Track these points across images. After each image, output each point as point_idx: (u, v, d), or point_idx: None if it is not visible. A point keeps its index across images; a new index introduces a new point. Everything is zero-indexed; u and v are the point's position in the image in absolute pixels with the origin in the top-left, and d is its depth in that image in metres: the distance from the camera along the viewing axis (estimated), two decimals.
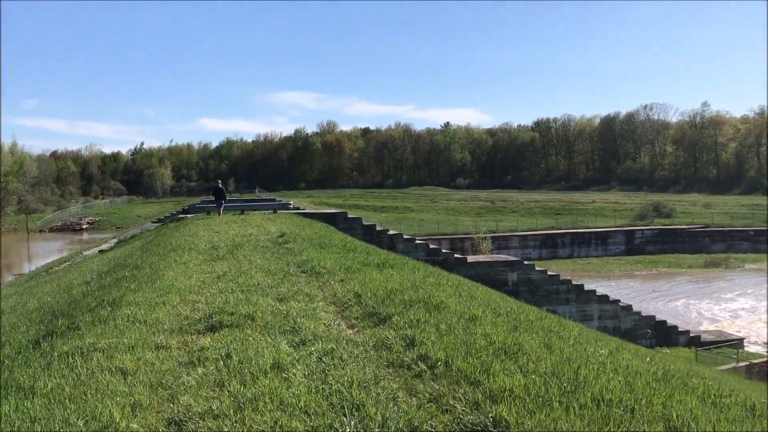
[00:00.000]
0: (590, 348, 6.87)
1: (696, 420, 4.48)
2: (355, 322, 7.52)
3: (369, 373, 5.39)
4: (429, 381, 5.22)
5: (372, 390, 4.96)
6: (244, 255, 13.85)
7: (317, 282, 10.42)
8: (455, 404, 4.65)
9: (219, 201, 29.37)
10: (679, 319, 37.64)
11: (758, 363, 25.10)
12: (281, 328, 7.09)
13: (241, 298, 8.86)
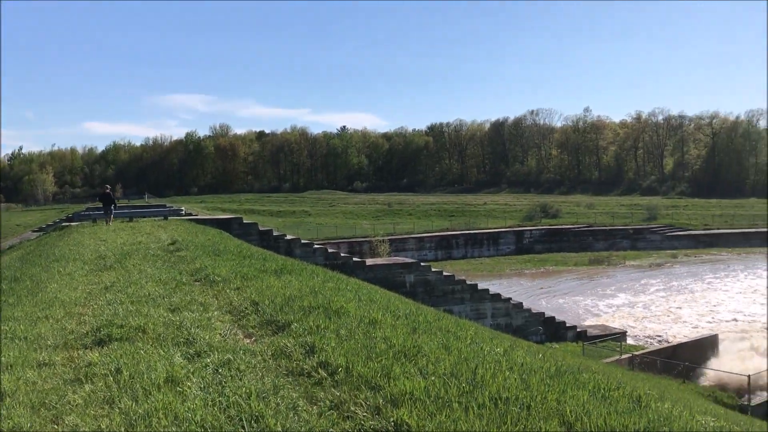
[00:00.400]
0: (486, 347, 7.03)
1: (588, 414, 4.65)
2: (253, 331, 7.36)
3: (268, 383, 5.27)
4: (330, 388, 5.16)
5: (271, 400, 4.85)
6: (133, 264, 13.28)
7: (212, 290, 10.13)
8: (356, 410, 4.62)
9: (107, 207, 27.98)
10: (566, 314, 39.37)
11: (639, 355, 26.61)
12: (175, 340, 6.83)
13: (131, 309, 8.47)
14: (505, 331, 28.04)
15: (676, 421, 5.05)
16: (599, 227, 75.44)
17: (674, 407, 6.09)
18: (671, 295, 46.00)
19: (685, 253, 67.03)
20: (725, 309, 41.31)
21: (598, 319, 39.40)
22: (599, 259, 63.51)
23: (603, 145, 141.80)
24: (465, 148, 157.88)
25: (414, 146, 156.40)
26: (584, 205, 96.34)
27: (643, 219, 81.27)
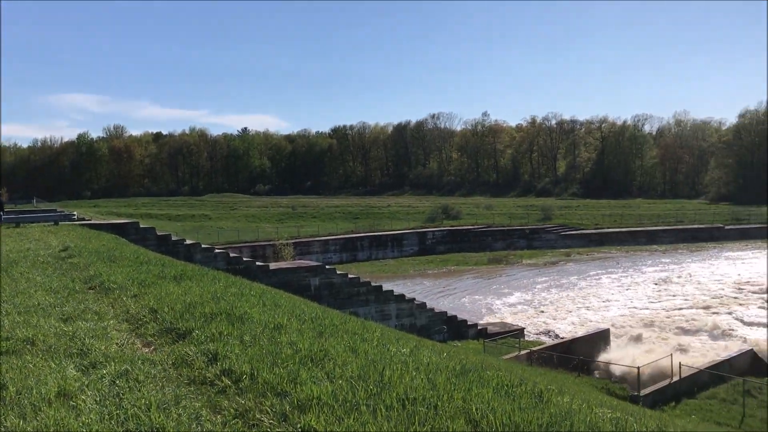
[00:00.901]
0: (393, 348, 7.05)
1: (494, 411, 4.73)
2: (152, 340, 7.06)
3: (169, 394, 5.06)
4: (234, 396, 5.01)
5: (172, 411, 4.65)
6: (20, 272, 12.48)
7: (107, 299, 9.66)
8: (262, 418, 4.51)
9: None
10: (468, 313, 40.31)
11: (537, 350, 27.59)
12: (67, 352, 6.45)
13: (19, 320, 7.94)
14: (410, 331, 28.37)
15: (577, 415, 5.21)
16: (498, 228, 77.76)
17: (573, 401, 6.30)
18: (566, 292, 48.00)
19: (578, 252, 70.14)
20: (615, 304, 43.48)
21: (498, 317, 40.55)
22: (498, 258, 65.42)
23: (500, 148, 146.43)
24: (368, 150, 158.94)
25: (318, 148, 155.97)
26: (483, 206, 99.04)
27: (538, 219, 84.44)
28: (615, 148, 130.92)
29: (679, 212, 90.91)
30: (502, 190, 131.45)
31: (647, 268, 58.69)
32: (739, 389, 22.94)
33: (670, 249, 71.34)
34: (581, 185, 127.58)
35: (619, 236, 76.76)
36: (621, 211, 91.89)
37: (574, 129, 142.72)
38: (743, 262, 60.86)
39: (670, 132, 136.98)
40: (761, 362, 28.26)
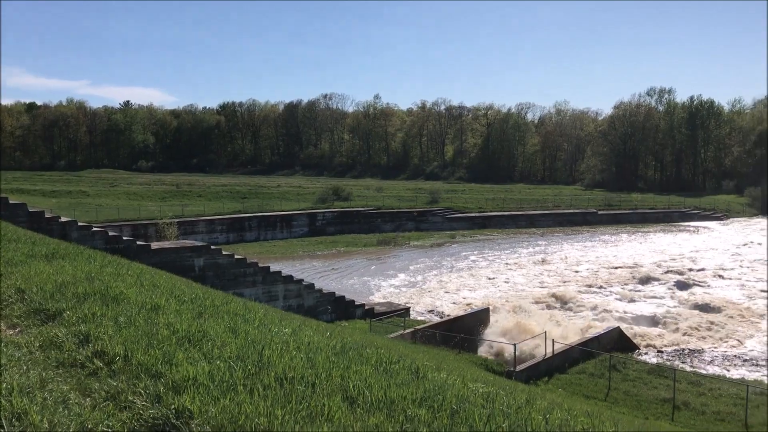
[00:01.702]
0: (275, 328, 7.04)
1: (370, 388, 4.85)
2: (18, 321, 6.68)
3: (34, 377, 4.83)
4: (106, 378, 4.85)
5: (37, 395, 4.44)
6: None
7: None
8: (135, 400, 4.40)
9: None
10: (356, 294, 40.72)
11: (421, 329, 28.30)
12: None
13: None
14: (297, 312, 28.32)
15: (450, 389, 5.43)
16: (387, 210, 78.79)
17: (449, 376, 6.56)
18: (450, 273, 49.44)
19: (462, 234, 72.31)
20: (496, 284, 45.26)
21: (385, 297, 41.22)
22: (387, 240, 66.34)
23: (391, 131, 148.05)
24: (258, 128, 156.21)
25: (205, 125, 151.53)
26: (374, 188, 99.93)
27: (426, 202, 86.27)
28: (500, 134, 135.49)
29: (556, 197, 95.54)
30: (393, 173, 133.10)
31: (526, 249, 61.44)
32: (605, 364, 24.54)
33: (547, 232, 74.95)
34: (467, 170, 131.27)
35: (501, 219, 79.83)
36: (503, 196, 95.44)
37: (462, 115, 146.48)
38: (614, 245, 64.94)
39: (550, 120, 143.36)
40: (626, 339, 30.38)
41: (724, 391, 22.86)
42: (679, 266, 50.98)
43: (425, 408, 4.54)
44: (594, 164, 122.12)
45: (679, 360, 29.07)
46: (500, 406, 5.08)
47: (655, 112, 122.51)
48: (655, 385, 23.38)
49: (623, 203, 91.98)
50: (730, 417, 20.52)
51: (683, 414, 20.94)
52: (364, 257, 57.32)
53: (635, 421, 16.00)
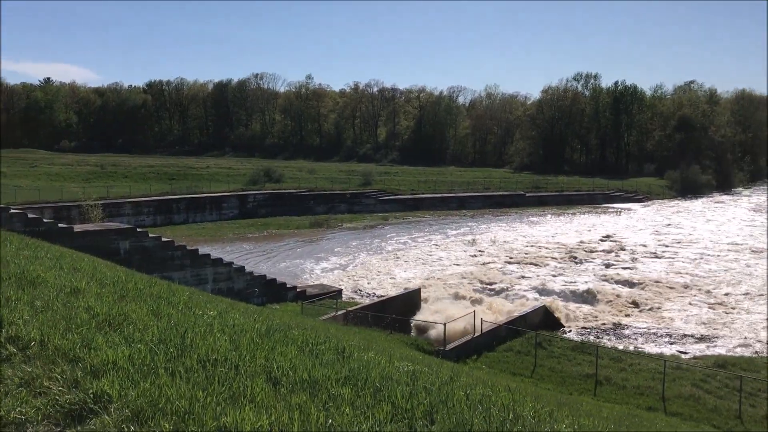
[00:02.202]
0: (199, 311, 6.95)
1: (294, 369, 4.85)
2: None
3: None
4: (20, 364, 4.69)
5: None
6: None
7: None
8: (51, 385, 4.27)
9: None
10: (288, 276, 40.52)
11: (353, 310, 28.43)
12: None
13: None
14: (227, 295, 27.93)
15: (375, 368, 5.50)
16: (320, 192, 78.50)
17: (376, 356, 6.63)
18: (382, 254, 49.77)
19: (395, 216, 72.79)
20: (428, 264, 45.83)
21: (318, 279, 41.17)
22: (319, 222, 66.13)
23: (324, 112, 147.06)
24: (187, 108, 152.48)
25: (131, 104, 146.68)
26: (306, 170, 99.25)
27: (359, 184, 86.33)
28: (432, 117, 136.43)
29: (486, 180, 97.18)
30: (325, 155, 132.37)
31: (457, 231, 62.39)
32: (532, 342, 25.29)
33: (477, 214, 76.28)
34: (400, 152, 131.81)
35: (432, 201, 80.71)
36: (435, 178, 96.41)
37: (395, 97, 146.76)
38: (542, 226, 66.66)
39: (481, 104, 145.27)
40: (552, 317, 31.35)
41: (644, 366, 23.89)
42: (604, 246, 52.84)
43: (349, 387, 4.59)
44: (522, 147, 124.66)
45: (602, 336, 30.19)
46: (424, 383, 5.17)
47: (582, 97, 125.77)
48: (579, 362, 24.25)
49: (550, 185, 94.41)
50: (649, 390, 21.50)
51: (605, 389, 21.81)
52: (296, 239, 57.00)
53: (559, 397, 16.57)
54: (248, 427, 3.56)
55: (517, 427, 4.26)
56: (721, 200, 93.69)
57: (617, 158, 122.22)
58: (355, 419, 3.88)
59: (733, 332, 30.77)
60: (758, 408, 20.18)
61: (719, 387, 22.02)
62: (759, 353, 27.65)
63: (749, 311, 34.29)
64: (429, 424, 3.98)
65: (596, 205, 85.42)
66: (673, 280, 41.31)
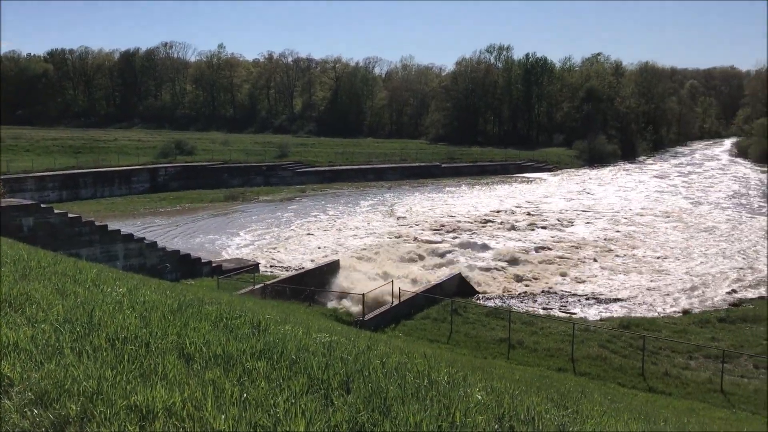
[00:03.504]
0: (108, 288, 6.71)
1: (208, 344, 4.77)
2: None
3: None
4: None
5: None
6: None
7: None
8: None
9: None
10: (203, 251, 39.73)
11: (271, 283, 28.24)
12: None
13: None
14: (139, 272, 27.13)
15: (292, 341, 5.48)
16: (234, 164, 77.00)
17: (294, 329, 6.60)
18: (300, 227, 49.49)
19: (313, 188, 72.40)
20: (346, 236, 45.93)
21: (234, 253, 40.58)
22: (235, 195, 65.00)
23: (237, 83, 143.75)
24: (92, 78, 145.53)
25: (30, 73, 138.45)
26: (220, 142, 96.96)
27: (275, 156, 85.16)
28: (348, 88, 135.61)
29: (403, 151, 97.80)
30: (240, 126, 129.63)
31: (375, 202, 62.72)
32: (448, 309, 25.86)
33: (395, 185, 76.85)
34: (317, 123, 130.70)
35: (350, 173, 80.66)
36: (353, 149, 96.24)
37: (310, 68, 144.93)
38: (459, 195, 67.90)
39: (397, 75, 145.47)
40: (467, 284, 32.13)
41: (554, 329, 24.91)
42: (518, 214, 54.40)
43: (265, 360, 4.55)
44: (438, 119, 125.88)
45: (516, 301, 31.22)
46: (340, 353, 5.20)
47: (494, 69, 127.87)
48: (493, 327, 25.02)
49: (465, 156, 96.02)
50: (559, 352, 22.46)
51: (518, 352, 22.62)
52: (210, 213, 55.88)
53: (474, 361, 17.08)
54: (160, 404, 3.49)
55: (431, 392, 4.35)
56: (626, 168, 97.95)
57: (528, 129, 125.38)
58: (271, 392, 3.87)
59: (638, 293, 32.45)
60: (659, 365, 21.44)
61: (624, 347, 23.24)
62: (660, 314, 29.31)
63: (655, 272, 36.21)
64: (345, 394, 4.01)
65: (509, 175, 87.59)
66: (584, 244, 43.03)
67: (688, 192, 72.02)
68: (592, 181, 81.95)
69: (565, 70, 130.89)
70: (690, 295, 32.16)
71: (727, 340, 24.29)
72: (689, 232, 47.94)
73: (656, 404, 16.06)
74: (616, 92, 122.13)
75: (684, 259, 39.54)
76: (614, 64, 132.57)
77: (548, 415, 4.55)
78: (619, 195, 68.38)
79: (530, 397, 5.39)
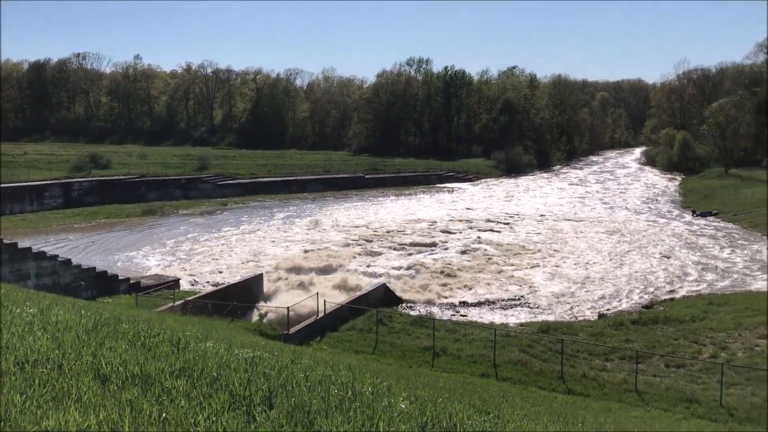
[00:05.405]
0: (17, 309, 6.42)
1: (125, 364, 4.63)
2: None
3: None
4: None
5: None
6: None
7: None
8: None
9: None
10: (121, 268, 38.46)
11: (192, 299, 27.60)
12: None
13: None
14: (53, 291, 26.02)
15: (213, 358, 5.39)
16: (152, 177, 74.97)
17: (215, 345, 6.49)
18: (222, 240, 48.60)
19: (235, 201, 71.32)
20: (270, 249, 45.40)
21: (153, 269, 39.46)
22: (153, 209, 63.27)
23: (155, 94, 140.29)
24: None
25: None
26: (137, 155, 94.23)
27: (195, 169, 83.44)
28: (269, 100, 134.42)
29: (326, 162, 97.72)
30: (158, 139, 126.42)
31: (299, 214, 62.33)
32: (373, 319, 25.94)
33: (319, 196, 76.63)
34: (238, 135, 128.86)
35: (273, 185, 79.91)
36: (275, 161, 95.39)
37: (230, 79, 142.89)
38: (383, 206, 68.28)
39: (319, 87, 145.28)
40: (392, 294, 32.33)
41: (477, 335, 25.36)
42: (443, 223, 55.15)
43: (184, 378, 4.46)
44: (360, 130, 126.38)
45: (441, 309, 31.58)
46: (263, 368, 5.15)
47: (415, 81, 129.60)
48: (418, 335, 25.26)
49: (388, 167, 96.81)
50: (482, 358, 22.88)
51: (442, 359, 22.91)
52: (128, 228, 54.19)
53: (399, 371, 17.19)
54: (74, 428, 3.36)
55: (355, 404, 4.37)
56: (542, 177, 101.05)
57: (448, 140, 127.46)
58: (191, 411, 3.79)
59: (557, 298, 33.45)
60: (577, 368, 22.14)
61: (543, 351, 23.90)
62: (577, 317, 30.31)
63: (574, 277, 37.41)
64: (267, 409, 3.98)
65: (431, 185, 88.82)
66: (509, 250, 44.03)
67: (605, 198, 75.00)
68: (512, 189, 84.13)
69: (483, 82, 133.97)
70: (606, 299, 33.41)
71: (640, 341, 25.32)
72: (607, 236, 49.82)
73: (575, 406, 16.57)
74: (531, 104, 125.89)
75: (601, 263, 41.04)
76: (529, 76, 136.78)
77: (470, 421, 4.65)
78: (539, 202, 70.52)
79: (453, 404, 5.49)
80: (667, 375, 21.79)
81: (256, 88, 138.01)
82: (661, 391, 20.22)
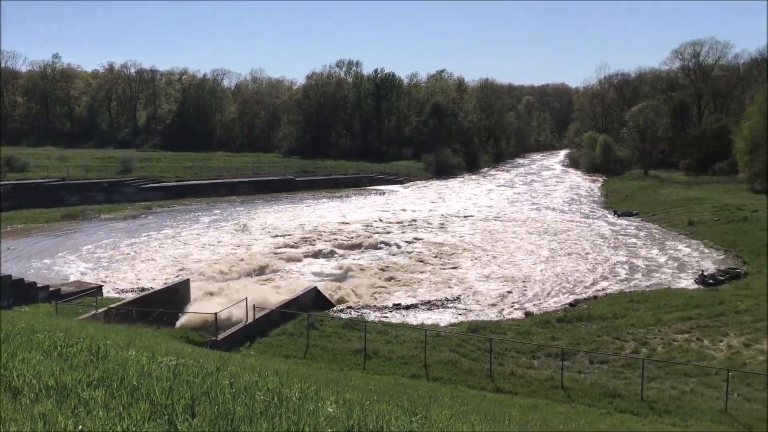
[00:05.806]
0: None
1: (39, 375, 4.45)
2: None
3: None
4: None
5: None
6: None
7: None
8: None
9: None
10: (39, 275, 36.90)
11: (116, 306, 26.72)
12: None
13: None
14: None
15: (134, 367, 5.24)
16: (73, 181, 72.32)
17: (138, 353, 6.30)
18: (146, 245, 47.32)
19: (159, 204, 69.57)
20: (196, 253, 44.44)
21: (74, 276, 38.04)
22: (73, 214, 61.02)
23: (75, 94, 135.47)
24: None
25: None
26: (56, 157, 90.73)
27: (117, 172, 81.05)
28: (196, 101, 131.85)
29: (256, 165, 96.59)
30: (78, 141, 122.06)
31: (227, 217, 61.33)
32: (304, 323, 25.76)
33: (248, 199, 75.66)
34: (163, 137, 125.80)
35: (200, 188, 78.41)
36: (202, 164, 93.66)
37: (155, 79, 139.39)
38: (313, 208, 67.92)
39: (247, 88, 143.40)
40: (323, 297, 32.16)
41: (408, 336, 25.53)
42: (375, 224, 55.27)
43: (103, 388, 4.31)
44: (290, 132, 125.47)
45: (371, 311, 31.63)
46: (186, 377, 5.03)
47: (345, 83, 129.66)
48: (349, 338, 25.22)
49: (318, 169, 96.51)
50: (413, 359, 23.04)
51: (374, 361, 22.95)
52: (46, 234, 52.06)
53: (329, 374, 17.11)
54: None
55: (281, 409, 4.32)
56: (471, 179, 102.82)
57: (379, 143, 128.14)
58: (109, 422, 3.67)
59: (485, 297, 34.04)
60: (505, 366, 22.58)
61: (473, 350, 24.27)
62: (505, 316, 30.92)
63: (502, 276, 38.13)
64: (190, 418, 3.89)
65: (362, 187, 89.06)
66: (440, 252, 44.48)
67: (532, 199, 76.88)
68: (442, 191, 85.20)
69: (413, 85, 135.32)
70: (533, 298, 34.22)
71: (565, 338, 26.03)
72: (535, 236, 51.00)
73: (503, 404, 16.89)
74: (460, 107, 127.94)
75: (528, 262, 41.99)
76: (457, 80, 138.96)
77: (397, 422, 4.66)
78: (469, 203, 71.67)
79: (381, 406, 5.49)
80: (591, 371, 22.48)
81: (181, 89, 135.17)
82: (586, 386, 20.83)
